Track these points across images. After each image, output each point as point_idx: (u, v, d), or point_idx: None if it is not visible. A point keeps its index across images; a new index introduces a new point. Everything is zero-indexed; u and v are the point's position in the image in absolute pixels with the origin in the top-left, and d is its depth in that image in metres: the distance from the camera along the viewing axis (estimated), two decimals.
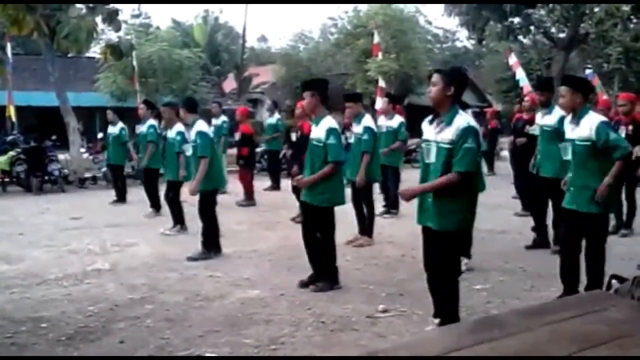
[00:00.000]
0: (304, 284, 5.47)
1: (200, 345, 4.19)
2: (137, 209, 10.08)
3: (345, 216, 8.15)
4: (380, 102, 18.76)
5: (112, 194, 11.23)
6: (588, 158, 4.71)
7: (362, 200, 7.42)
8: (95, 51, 20.80)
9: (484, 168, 14.56)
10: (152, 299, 5.27)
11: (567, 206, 4.83)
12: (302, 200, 5.69)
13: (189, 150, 7.11)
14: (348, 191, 6.24)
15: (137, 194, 11.28)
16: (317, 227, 5.48)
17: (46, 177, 13.00)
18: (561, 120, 5.93)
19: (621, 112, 7.56)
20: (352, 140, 7.62)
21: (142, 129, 10.12)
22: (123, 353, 4.11)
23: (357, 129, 7.42)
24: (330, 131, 5.35)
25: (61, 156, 14.01)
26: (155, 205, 9.62)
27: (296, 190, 7.30)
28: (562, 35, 21.72)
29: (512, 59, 14.58)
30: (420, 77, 28.32)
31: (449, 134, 3.93)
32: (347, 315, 4.72)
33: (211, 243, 6.80)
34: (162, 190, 8.75)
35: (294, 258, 6.51)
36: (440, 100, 4.00)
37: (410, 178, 9.02)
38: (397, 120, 8.97)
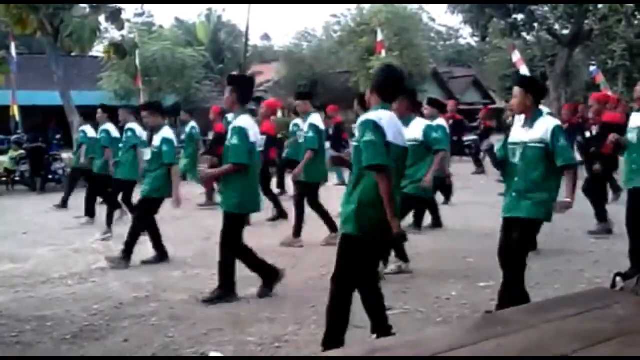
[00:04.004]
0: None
1: (204, 343, 4.20)
2: None
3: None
4: None
5: None
6: None
7: (297, 202, 7.18)
8: (98, 50, 20.87)
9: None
10: (156, 298, 5.28)
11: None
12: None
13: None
14: None
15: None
16: (222, 233, 5.15)
17: (50, 176, 13.03)
18: None
19: (593, 111, 7.92)
20: (301, 140, 7.28)
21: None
22: (127, 351, 4.12)
23: (304, 126, 7.17)
24: (233, 130, 5.04)
25: (65, 155, 14.04)
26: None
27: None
28: (565, 31, 21.63)
29: (516, 56, 14.58)
30: (424, 75, 28.34)
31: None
32: (351, 312, 4.71)
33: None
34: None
35: (297, 256, 6.52)
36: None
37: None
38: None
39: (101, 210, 9.30)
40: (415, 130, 5.81)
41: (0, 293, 5.55)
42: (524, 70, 14.11)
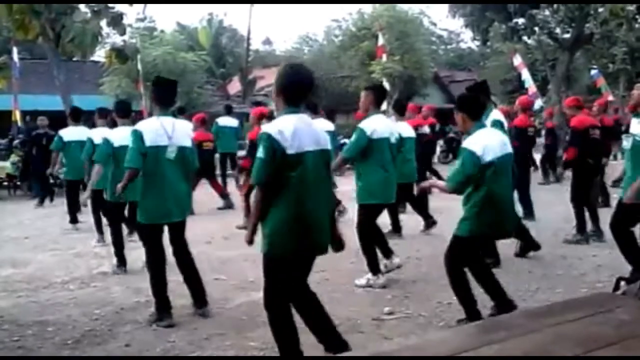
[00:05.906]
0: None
1: (205, 348, 4.20)
2: None
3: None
4: (384, 105, 18.86)
5: None
6: None
7: None
8: (100, 55, 20.93)
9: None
10: None
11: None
12: None
13: None
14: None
15: None
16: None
17: (51, 181, 13.01)
18: None
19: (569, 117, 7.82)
20: None
21: None
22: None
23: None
24: (130, 133, 4.70)
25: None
26: None
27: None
28: (566, 35, 21.67)
29: (517, 60, 14.63)
30: (425, 79, 28.37)
31: None
32: (353, 317, 4.71)
33: None
34: None
35: None
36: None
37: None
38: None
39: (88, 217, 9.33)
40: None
41: (1, 298, 5.56)
42: (525, 74, 14.13)
